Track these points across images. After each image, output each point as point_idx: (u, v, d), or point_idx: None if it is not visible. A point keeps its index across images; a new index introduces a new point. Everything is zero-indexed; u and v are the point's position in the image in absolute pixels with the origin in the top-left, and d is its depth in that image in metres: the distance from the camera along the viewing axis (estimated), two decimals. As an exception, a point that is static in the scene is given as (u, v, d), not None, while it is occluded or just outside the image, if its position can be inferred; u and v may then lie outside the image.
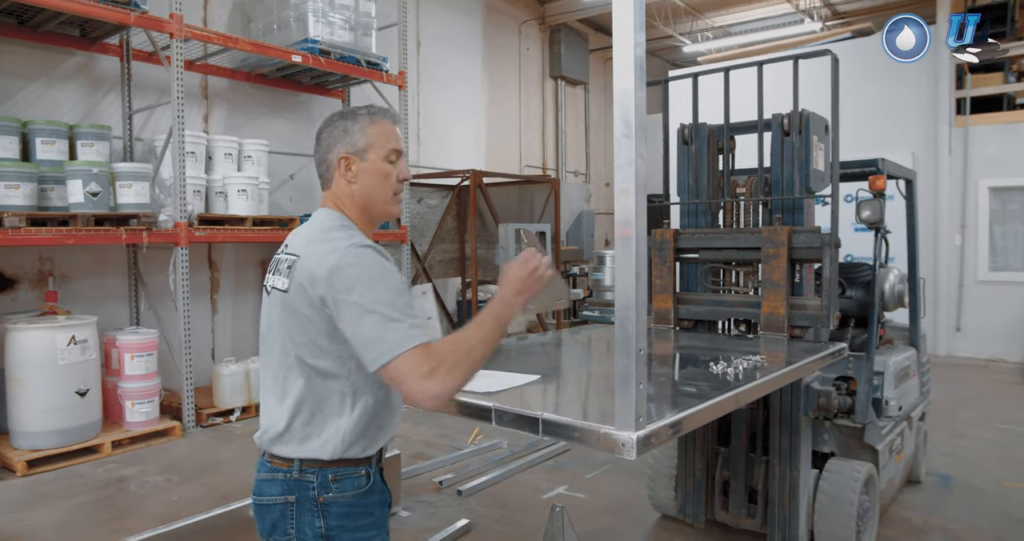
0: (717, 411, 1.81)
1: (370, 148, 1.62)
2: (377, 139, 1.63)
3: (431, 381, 1.37)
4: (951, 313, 8.71)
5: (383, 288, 1.44)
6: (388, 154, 1.63)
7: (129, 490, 4.16)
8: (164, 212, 5.38)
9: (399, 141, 1.67)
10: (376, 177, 1.63)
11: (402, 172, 1.67)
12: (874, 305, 3.56)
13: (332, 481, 1.54)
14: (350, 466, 1.56)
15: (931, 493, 4.12)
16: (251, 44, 5.87)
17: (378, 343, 1.40)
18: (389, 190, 1.65)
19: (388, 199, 1.65)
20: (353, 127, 1.64)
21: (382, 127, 1.64)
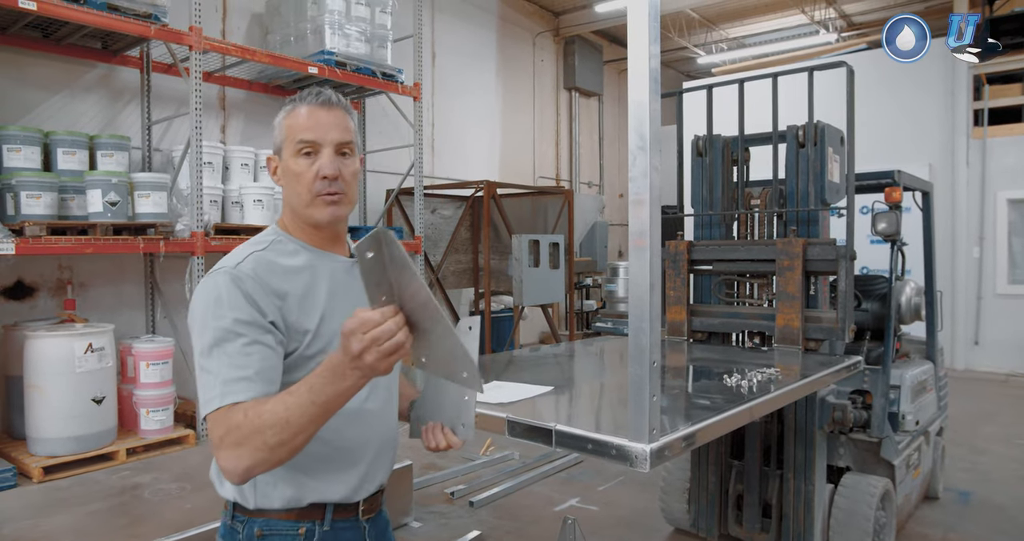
0: (731, 424, 1.80)
1: (283, 143, 1.36)
2: (288, 131, 1.35)
3: (219, 453, 1.14)
4: (969, 326, 8.61)
5: (211, 330, 1.21)
6: (298, 147, 1.33)
7: (143, 497, 4.18)
8: (181, 221, 5.43)
9: (314, 129, 1.33)
10: (289, 178, 1.36)
11: (324, 167, 1.32)
12: (890, 318, 3.53)
13: (258, 537, 1.31)
14: (280, 519, 1.30)
15: (949, 509, 4.06)
16: (268, 56, 5.95)
17: (200, 397, 1.20)
18: (304, 191, 1.33)
19: (306, 202, 1.34)
20: (276, 120, 1.40)
21: (296, 115, 1.35)
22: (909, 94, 8.80)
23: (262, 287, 1.26)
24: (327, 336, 1.31)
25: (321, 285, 1.35)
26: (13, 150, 4.82)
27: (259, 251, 1.33)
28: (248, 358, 1.19)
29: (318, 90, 1.38)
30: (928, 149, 8.76)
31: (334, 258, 1.41)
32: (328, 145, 1.34)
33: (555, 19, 11.59)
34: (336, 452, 1.32)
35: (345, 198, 1.37)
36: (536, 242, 7.25)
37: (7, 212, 4.72)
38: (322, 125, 1.34)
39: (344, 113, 1.38)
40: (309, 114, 1.34)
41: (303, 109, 1.35)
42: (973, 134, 8.59)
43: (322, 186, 1.33)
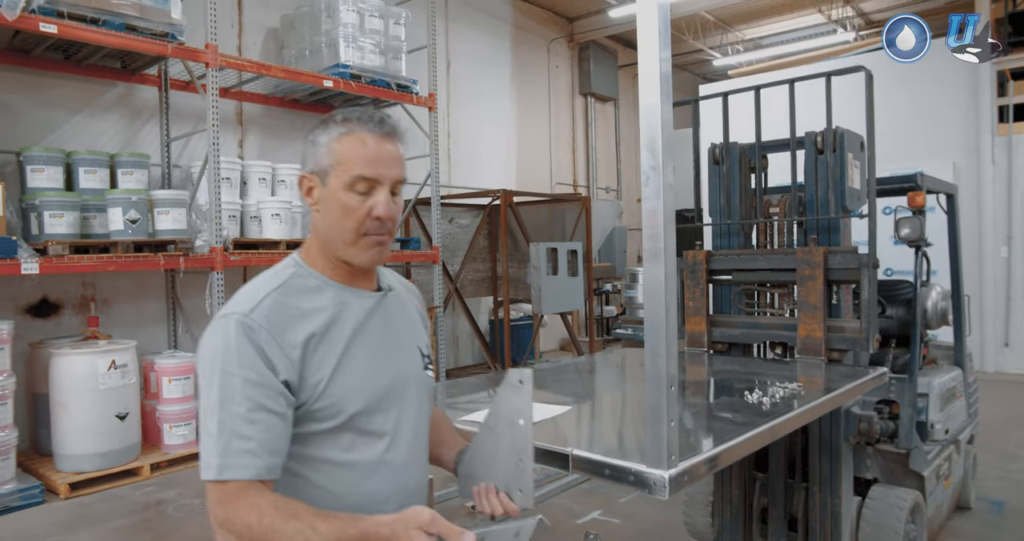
0: (752, 445, 1.76)
1: (332, 170, 1.23)
2: (342, 159, 1.22)
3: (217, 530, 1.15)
4: (999, 328, 8.43)
5: (216, 386, 1.14)
6: (352, 181, 1.21)
7: (167, 513, 4.21)
8: (200, 237, 5.48)
9: (375, 164, 1.21)
10: (333, 210, 1.23)
11: (380, 208, 1.22)
12: (916, 325, 3.45)
13: None
14: None
15: (983, 520, 3.96)
16: (284, 71, 5.99)
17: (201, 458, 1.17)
18: (351, 229, 1.23)
19: (348, 241, 1.24)
20: (321, 138, 1.25)
21: (354, 142, 1.22)
22: (930, 92, 8.65)
23: (275, 339, 1.17)
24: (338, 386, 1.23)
25: (344, 325, 1.27)
26: (36, 171, 4.90)
27: (275, 291, 1.23)
28: (253, 426, 1.13)
29: (380, 116, 1.25)
30: (951, 147, 8.60)
31: (359, 293, 1.32)
32: (387, 183, 1.23)
33: (569, 25, 11.58)
34: (353, 509, 1.20)
35: (390, 238, 1.28)
36: (554, 250, 7.22)
37: (31, 232, 4.80)
38: (383, 160, 1.23)
39: (402, 146, 1.29)
40: (368, 144, 1.22)
41: (362, 136, 1.22)
42: (998, 131, 8.42)
43: (373, 226, 1.23)
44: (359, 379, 1.26)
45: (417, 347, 1.41)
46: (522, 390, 1.22)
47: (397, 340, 1.36)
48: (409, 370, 1.37)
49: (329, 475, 1.24)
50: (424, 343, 1.44)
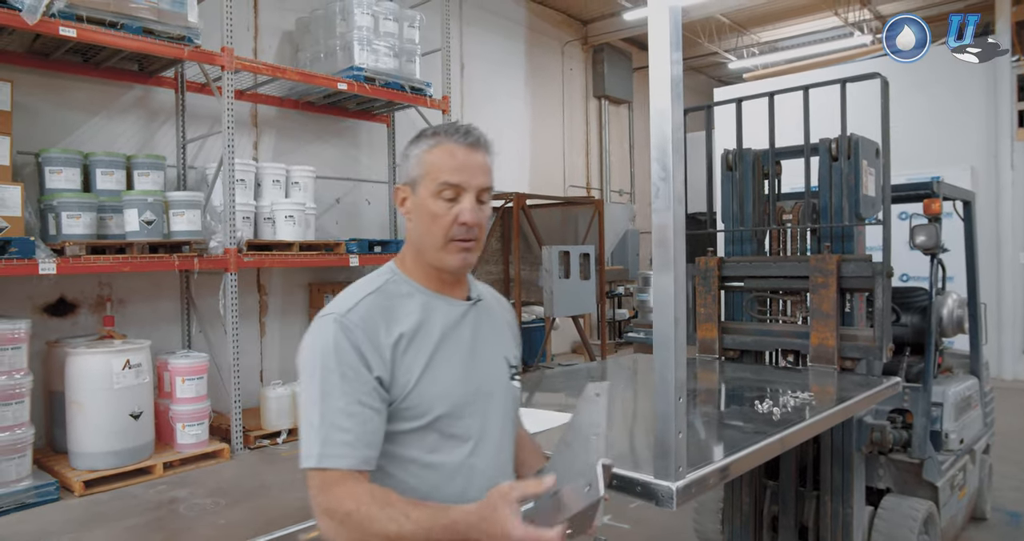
0: (762, 456, 1.75)
1: (421, 179, 1.31)
2: (430, 168, 1.30)
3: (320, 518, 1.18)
4: (1016, 335, 8.32)
5: (317, 381, 1.22)
6: (439, 189, 1.29)
7: (179, 512, 4.25)
8: (215, 238, 5.53)
9: (460, 172, 1.29)
10: (423, 217, 1.31)
11: (465, 214, 1.29)
12: (931, 333, 3.42)
13: None
14: None
15: (998, 531, 3.91)
16: (299, 73, 6.03)
17: (301, 447, 1.23)
18: (439, 235, 1.30)
19: (437, 246, 1.31)
20: (413, 151, 1.34)
21: (442, 152, 1.30)
22: (949, 97, 8.57)
23: (371, 339, 1.25)
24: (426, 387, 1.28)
25: (432, 330, 1.32)
26: (55, 172, 4.96)
27: (371, 295, 1.31)
28: (351, 419, 1.20)
29: (465, 128, 1.33)
30: (969, 152, 8.50)
31: (450, 302, 1.38)
32: (472, 190, 1.30)
33: (583, 27, 11.57)
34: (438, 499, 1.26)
35: (477, 245, 1.34)
36: (567, 253, 7.22)
37: (49, 232, 4.86)
38: (468, 168, 1.30)
39: (487, 154, 1.35)
40: (455, 154, 1.30)
41: (450, 147, 1.30)
42: (1018, 136, 8.32)
43: (459, 232, 1.30)
44: (446, 382, 1.31)
45: (504, 357, 1.45)
46: (598, 403, 1.22)
47: (484, 348, 1.41)
48: (495, 378, 1.41)
49: (415, 474, 1.29)
50: (512, 354, 1.48)
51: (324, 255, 6.18)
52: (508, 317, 1.55)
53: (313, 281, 7.10)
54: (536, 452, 1.56)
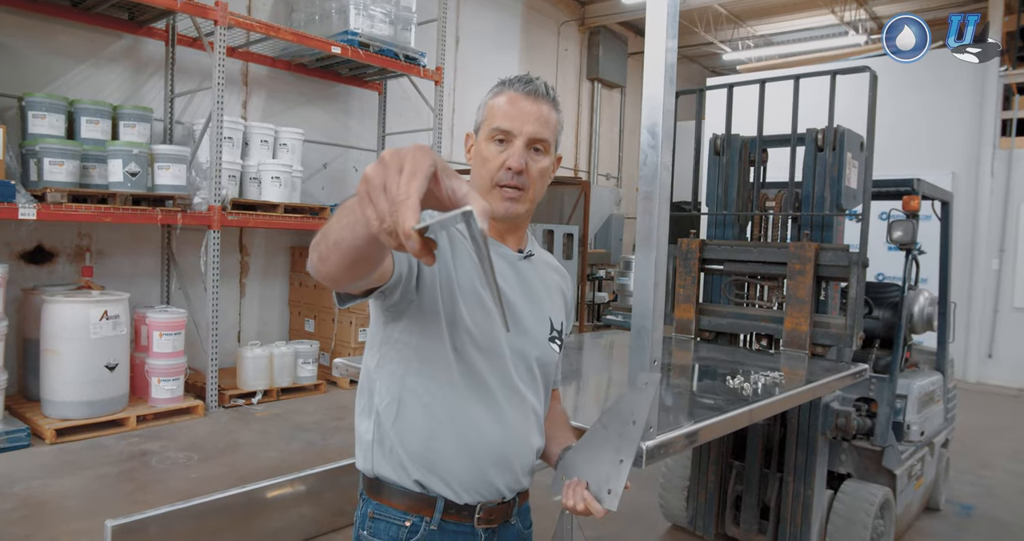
0: (730, 425, 1.81)
1: (481, 124, 1.33)
2: (488, 114, 1.32)
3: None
4: (984, 339, 8.52)
5: None
6: (492, 133, 1.29)
7: (151, 465, 4.26)
8: (199, 195, 5.49)
9: (513, 118, 1.28)
10: (476, 160, 1.33)
11: (511, 159, 1.27)
12: (901, 327, 3.51)
13: (370, 518, 1.31)
14: (389, 507, 1.29)
15: (950, 522, 4.05)
16: (292, 34, 5.96)
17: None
18: (487, 177, 1.29)
19: (484, 188, 1.29)
20: (482, 100, 1.37)
21: (502, 98, 1.31)
22: (936, 100, 8.67)
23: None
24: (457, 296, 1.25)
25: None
26: (38, 116, 4.88)
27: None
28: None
29: (528, 78, 1.33)
30: (952, 157, 8.63)
31: (501, 248, 1.37)
32: (522, 136, 1.29)
33: (581, 9, 11.51)
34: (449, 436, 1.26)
35: (525, 195, 1.31)
36: (551, 232, 7.25)
37: (30, 178, 4.79)
38: (522, 115, 1.29)
39: (549, 108, 1.33)
40: (512, 101, 1.30)
41: (509, 94, 1.31)
42: (1000, 144, 8.45)
43: (505, 177, 1.28)
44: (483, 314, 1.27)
45: (548, 317, 1.42)
46: (645, 392, 1.22)
47: (528, 301, 1.38)
48: (533, 332, 1.38)
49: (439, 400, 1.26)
50: (558, 319, 1.45)
51: (309, 218, 6.16)
52: (563, 285, 1.52)
53: (296, 245, 7.08)
54: (568, 428, 1.53)
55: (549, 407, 1.49)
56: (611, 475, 1.24)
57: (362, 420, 1.34)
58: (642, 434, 1.21)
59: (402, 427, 1.27)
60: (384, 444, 1.29)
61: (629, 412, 1.25)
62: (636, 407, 1.24)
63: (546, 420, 1.46)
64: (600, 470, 1.25)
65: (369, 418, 1.32)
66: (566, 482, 1.29)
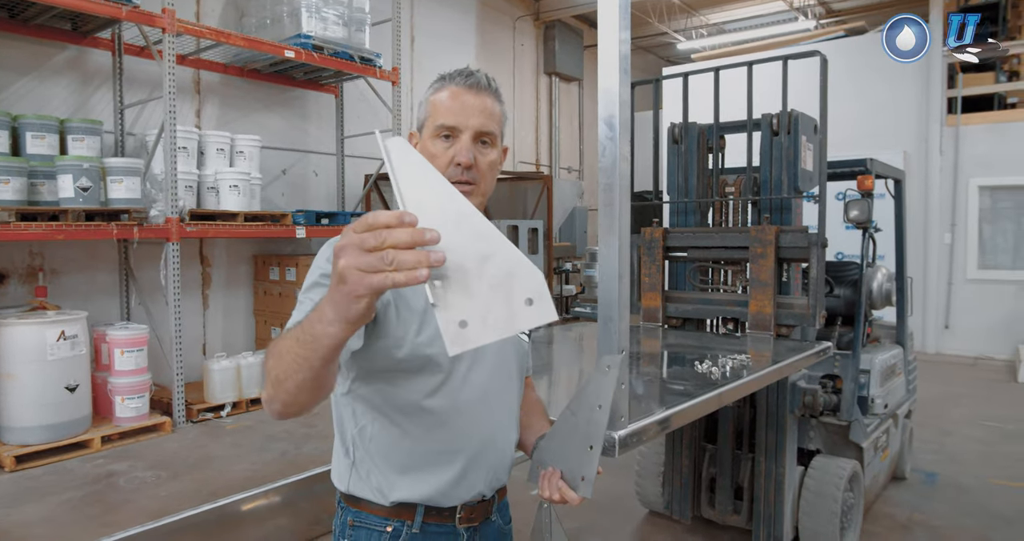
0: (700, 410, 1.83)
1: (425, 123, 1.32)
2: (431, 111, 1.30)
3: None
4: (940, 311, 8.78)
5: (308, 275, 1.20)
6: (437, 130, 1.28)
7: (118, 485, 4.16)
8: (155, 207, 5.37)
9: (457, 113, 1.27)
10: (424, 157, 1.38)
11: (460, 154, 1.26)
12: (861, 304, 3.59)
13: (349, 526, 1.30)
14: (368, 513, 1.28)
15: (916, 490, 4.16)
16: (244, 39, 5.85)
17: None
18: None
19: None
20: (423, 97, 1.34)
21: (444, 94, 1.29)
22: (886, 81, 8.88)
23: None
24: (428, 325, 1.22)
25: None
26: (-20, 134, 4.72)
27: None
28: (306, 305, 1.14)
29: (469, 71, 1.31)
30: (903, 137, 8.86)
31: None
32: (468, 131, 1.28)
33: (535, 3, 11.52)
34: (426, 450, 1.26)
35: (477, 189, 1.30)
36: (515, 227, 7.26)
37: (-25, 197, 4.63)
38: (466, 109, 1.27)
39: (493, 99, 1.32)
40: (454, 96, 1.28)
41: (451, 89, 1.29)
42: (947, 122, 8.69)
43: (454, 173, 1.26)
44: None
45: None
46: (609, 376, 1.22)
47: None
48: None
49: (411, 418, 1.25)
50: None
51: (270, 226, 6.07)
52: None
53: (258, 253, 6.97)
54: (543, 416, 1.53)
55: (523, 395, 1.48)
56: (583, 463, 1.24)
57: (337, 444, 1.34)
58: (608, 418, 1.21)
59: (377, 451, 1.26)
60: (361, 469, 1.29)
61: (595, 397, 1.25)
62: (601, 391, 1.24)
63: (521, 409, 1.46)
64: (572, 458, 1.26)
65: (343, 444, 1.31)
66: (541, 473, 1.29)
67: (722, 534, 3.46)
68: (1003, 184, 8.49)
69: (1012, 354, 8.11)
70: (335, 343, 0.88)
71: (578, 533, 3.53)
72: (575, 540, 3.49)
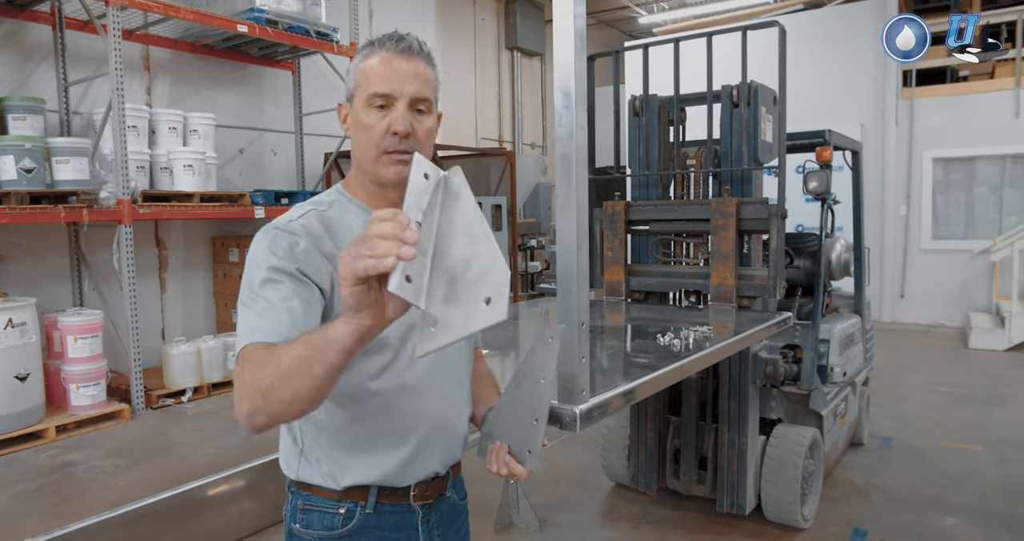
0: (663, 382, 1.83)
1: (356, 92, 1.25)
2: (362, 79, 1.23)
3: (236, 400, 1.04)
4: (896, 280, 8.99)
5: (252, 268, 1.16)
6: (370, 98, 1.22)
7: (75, 475, 4.06)
8: (106, 188, 5.18)
9: (390, 80, 1.21)
10: (358, 129, 1.25)
11: (396, 123, 1.21)
12: (820, 274, 3.64)
13: (300, 510, 1.29)
14: (320, 496, 1.27)
15: (873, 455, 4.28)
16: (193, 13, 5.64)
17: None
18: (372, 146, 1.22)
19: (372, 157, 1.23)
20: (351, 64, 1.28)
21: (373, 61, 1.23)
22: (843, 56, 8.97)
23: (313, 245, 1.17)
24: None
25: None
26: (-88, 114, 4.49)
27: (313, 211, 1.24)
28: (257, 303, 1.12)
29: (399, 35, 1.25)
30: (860, 109, 8.98)
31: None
32: (403, 98, 1.22)
33: (495, -23, 11.34)
34: (376, 433, 1.24)
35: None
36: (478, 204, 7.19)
37: (-90, 181, 4.42)
38: (399, 76, 1.22)
39: (425, 64, 1.27)
40: (386, 62, 1.22)
41: (382, 55, 1.23)
42: (902, 94, 8.83)
43: (391, 142, 1.22)
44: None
45: None
46: (551, 347, 1.20)
47: None
48: None
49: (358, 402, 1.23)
50: None
51: (227, 207, 5.92)
52: None
53: (217, 235, 6.80)
54: (493, 387, 1.51)
55: (474, 367, 1.46)
56: (528, 436, 1.23)
57: (284, 432, 1.30)
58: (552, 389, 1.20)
59: (326, 438, 1.24)
60: (310, 456, 1.26)
61: (539, 369, 1.23)
62: (544, 363, 1.22)
63: (472, 382, 1.44)
64: (518, 432, 1.25)
65: (290, 432, 1.28)
66: (489, 447, 1.28)
67: (687, 504, 3.52)
68: (955, 156, 8.68)
69: (963, 321, 8.36)
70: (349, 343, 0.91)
71: (545, 507, 3.56)
72: (542, 514, 3.51)
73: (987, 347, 7.31)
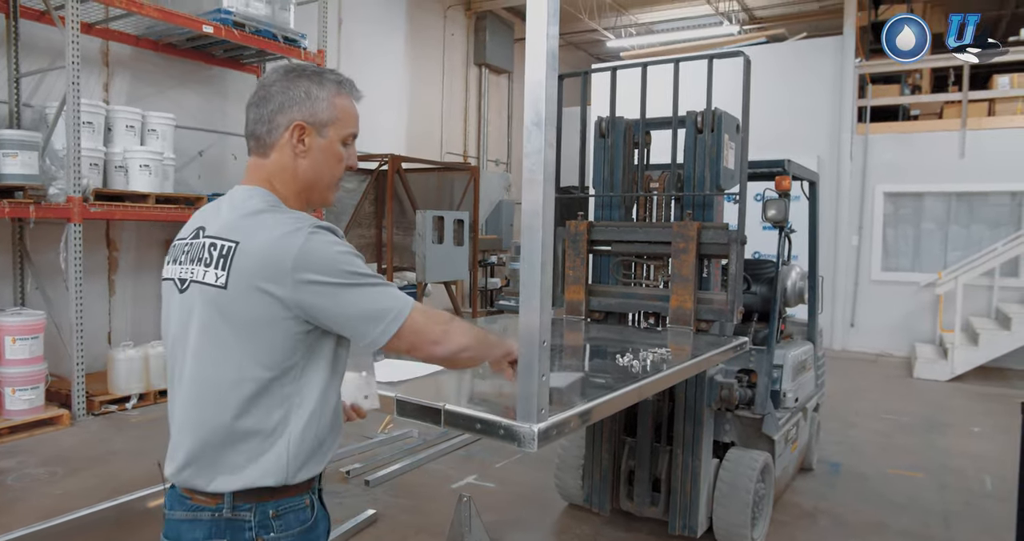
0: (620, 403, 1.83)
1: (332, 124, 1.41)
2: (341, 116, 1.42)
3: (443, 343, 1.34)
4: (847, 310, 9.23)
5: (358, 261, 1.30)
6: (347, 137, 1.44)
7: (5, 484, 3.87)
8: (55, 185, 5.01)
9: (357, 123, 1.47)
10: (329, 158, 1.42)
11: (351, 158, 1.47)
12: (776, 301, 3.70)
13: (273, 518, 1.31)
14: (293, 496, 1.33)
15: (822, 480, 4.35)
16: (157, 10, 5.53)
17: (386, 312, 1.28)
18: (336, 176, 1.45)
19: (330, 185, 1.45)
20: (319, 93, 1.40)
21: (348, 103, 1.44)
22: (803, 88, 9.24)
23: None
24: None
25: None
26: None
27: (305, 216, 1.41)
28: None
29: (350, 79, 1.47)
30: (818, 142, 9.24)
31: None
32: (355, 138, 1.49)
33: (468, -7, 11.41)
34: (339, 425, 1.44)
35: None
36: (441, 218, 7.17)
37: None
38: (358, 119, 1.48)
39: None
40: (352, 105, 1.46)
41: (350, 98, 1.45)
42: (857, 130, 9.12)
43: (343, 175, 1.49)
44: None
45: None
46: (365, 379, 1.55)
47: None
48: None
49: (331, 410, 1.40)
50: None
51: (184, 209, 5.77)
52: None
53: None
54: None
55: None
56: (360, 386, 1.59)
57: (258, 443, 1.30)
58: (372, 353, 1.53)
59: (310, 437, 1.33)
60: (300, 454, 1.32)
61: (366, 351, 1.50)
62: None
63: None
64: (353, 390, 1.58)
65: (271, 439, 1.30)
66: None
67: (640, 526, 3.52)
68: (905, 191, 8.99)
69: (909, 351, 8.61)
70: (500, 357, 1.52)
71: (497, 526, 3.51)
72: (494, 533, 3.47)
73: (931, 377, 7.53)
